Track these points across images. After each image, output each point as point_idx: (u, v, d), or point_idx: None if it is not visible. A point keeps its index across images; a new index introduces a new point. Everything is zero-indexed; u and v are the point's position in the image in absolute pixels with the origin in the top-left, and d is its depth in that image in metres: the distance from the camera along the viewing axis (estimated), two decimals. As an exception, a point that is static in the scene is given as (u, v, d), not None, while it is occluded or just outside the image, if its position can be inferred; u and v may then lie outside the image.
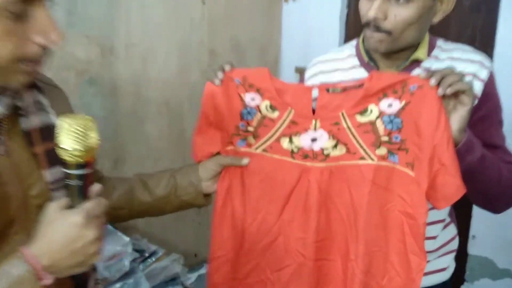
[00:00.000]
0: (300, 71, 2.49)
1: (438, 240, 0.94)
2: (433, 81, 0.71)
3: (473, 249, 1.95)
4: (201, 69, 2.36)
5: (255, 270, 0.87)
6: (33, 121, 0.65)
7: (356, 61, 0.97)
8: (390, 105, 0.77)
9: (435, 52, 0.91)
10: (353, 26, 2.33)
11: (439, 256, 0.96)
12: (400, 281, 0.77)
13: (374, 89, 0.77)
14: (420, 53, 0.89)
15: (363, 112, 0.79)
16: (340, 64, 0.99)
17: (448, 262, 0.99)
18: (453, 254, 1.00)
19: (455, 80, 0.69)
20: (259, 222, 0.86)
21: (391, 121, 0.77)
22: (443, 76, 0.71)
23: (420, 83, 0.74)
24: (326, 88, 0.83)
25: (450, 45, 0.93)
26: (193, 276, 2.32)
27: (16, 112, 0.63)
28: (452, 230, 0.99)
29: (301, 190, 0.83)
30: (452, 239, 0.99)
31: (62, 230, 0.55)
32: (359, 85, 0.80)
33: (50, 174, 0.64)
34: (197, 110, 1.37)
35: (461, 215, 1.97)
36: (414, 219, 0.76)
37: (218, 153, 0.89)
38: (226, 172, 0.87)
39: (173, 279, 2.07)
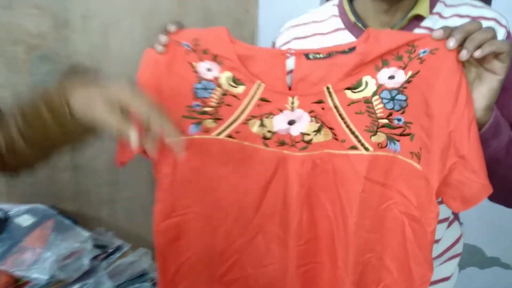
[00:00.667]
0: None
1: (441, 243, 0.77)
2: (452, 42, 0.52)
3: (460, 236, 1.83)
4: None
5: (235, 267, 0.69)
6: None
7: (339, 23, 0.76)
8: (392, 76, 0.57)
9: (438, 7, 0.72)
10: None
11: (443, 262, 0.79)
12: None
13: (371, 54, 0.57)
14: (421, 8, 0.69)
15: (355, 86, 0.59)
16: (319, 28, 0.78)
17: (453, 269, 0.82)
18: (458, 259, 0.84)
19: (487, 37, 0.50)
20: (232, 221, 0.67)
21: (392, 98, 0.58)
22: (468, 34, 0.51)
23: (434, 45, 0.54)
24: (305, 54, 0.62)
25: (456, 0, 0.74)
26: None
27: None
28: (457, 229, 0.82)
29: (278, 184, 0.64)
30: (457, 240, 0.83)
31: None
32: (350, 48, 0.59)
33: None
34: None
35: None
36: (420, 223, 0.58)
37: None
38: (172, 165, 0.66)
39: (141, 275, 1.87)
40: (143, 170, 1.70)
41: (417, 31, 0.71)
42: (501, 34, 0.68)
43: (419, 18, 0.71)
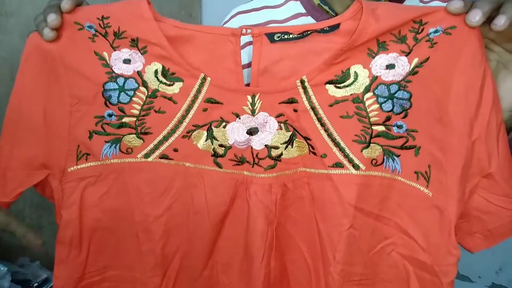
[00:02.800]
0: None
1: None
2: (478, 15, 0.36)
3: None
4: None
5: None
6: None
7: (299, 7, 0.58)
8: (391, 65, 0.40)
9: None
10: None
11: None
12: None
13: (363, 34, 0.40)
14: None
15: (340, 78, 0.41)
16: (274, 14, 0.60)
17: None
18: None
19: None
20: (173, 276, 0.48)
21: (391, 96, 0.41)
22: (498, 4, 0.36)
23: (450, 22, 0.38)
24: (268, 34, 0.43)
25: None
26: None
27: None
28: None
29: (237, 219, 0.46)
30: None
31: None
32: (332, 26, 0.41)
33: None
34: None
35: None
36: (431, 273, 0.42)
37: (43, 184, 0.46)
38: (78, 210, 0.45)
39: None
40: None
41: (408, 1, 0.55)
42: None
43: None
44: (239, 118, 0.43)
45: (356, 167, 0.42)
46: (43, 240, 0.53)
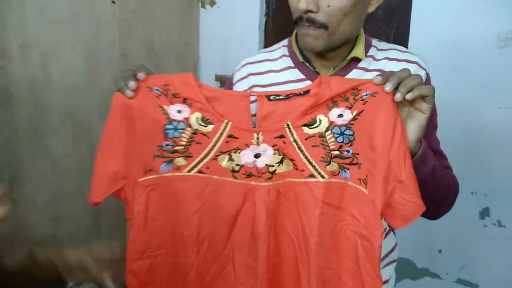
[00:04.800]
0: (221, 80, 2.37)
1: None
2: (389, 86, 0.64)
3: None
4: (112, 74, 2.12)
5: None
6: None
7: (289, 62, 0.87)
8: (341, 115, 0.68)
9: (371, 51, 0.86)
10: (272, 34, 2.29)
11: (382, 268, 0.89)
12: None
13: (323, 97, 0.68)
14: (358, 51, 0.83)
15: (311, 123, 0.69)
16: (272, 65, 0.89)
17: (390, 273, 0.94)
18: (394, 264, 0.96)
19: (416, 83, 0.62)
20: (204, 254, 0.72)
21: (342, 133, 0.68)
22: (400, 80, 0.63)
23: (374, 89, 0.66)
24: (267, 96, 0.71)
25: (386, 45, 0.89)
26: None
27: None
28: (392, 239, 0.94)
29: (247, 213, 0.71)
30: (393, 249, 0.95)
31: None
32: (305, 91, 0.70)
33: None
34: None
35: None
36: (369, 241, 0.68)
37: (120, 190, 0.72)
38: (144, 204, 0.70)
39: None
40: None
41: (355, 71, 0.83)
42: (421, 75, 0.83)
43: (356, 60, 0.84)
44: (248, 147, 0.70)
45: (322, 176, 0.69)
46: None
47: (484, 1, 1.61)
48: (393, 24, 1.90)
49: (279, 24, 2.22)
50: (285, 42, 0.92)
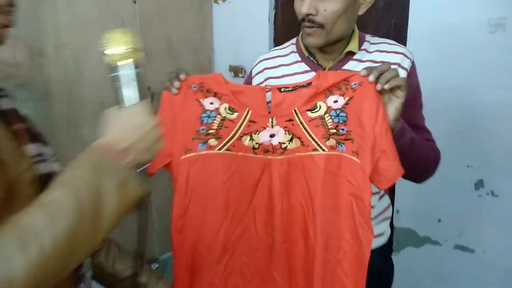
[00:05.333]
0: (234, 70, 2.56)
1: (375, 209, 1.07)
2: (371, 78, 0.82)
3: (397, 222, 2.18)
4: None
5: (232, 258, 0.92)
6: (4, 103, 0.67)
7: (297, 57, 1.07)
8: (336, 101, 0.87)
9: (365, 45, 1.05)
10: (281, 26, 2.45)
11: (377, 223, 1.09)
12: (353, 253, 0.88)
13: (321, 87, 0.87)
14: (352, 46, 1.02)
15: (313, 108, 0.89)
16: (283, 60, 1.09)
17: (384, 228, 1.13)
18: (388, 221, 1.15)
19: (392, 76, 0.81)
20: (231, 215, 0.91)
21: (337, 115, 0.87)
22: (380, 73, 0.82)
23: (360, 80, 0.85)
24: (278, 88, 0.91)
25: (377, 39, 1.07)
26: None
27: None
28: (386, 200, 1.13)
29: (265, 181, 0.91)
30: (387, 208, 1.14)
31: (129, 119, 0.63)
32: (308, 83, 0.89)
33: (33, 147, 0.67)
34: None
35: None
36: (361, 200, 0.87)
37: (167, 165, 0.92)
38: (186, 176, 0.90)
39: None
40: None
41: (351, 62, 1.02)
42: (406, 63, 1.01)
43: (352, 53, 1.03)
44: (265, 129, 0.90)
45: (323, 150, 0.89)
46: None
47: (476, -10, 1.76)
48: (393, 14, 2.06)
49: (287, 16, 2.38)
50: (293, 40, 1.11)
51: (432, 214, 2.07)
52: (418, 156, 0.95)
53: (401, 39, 1.99)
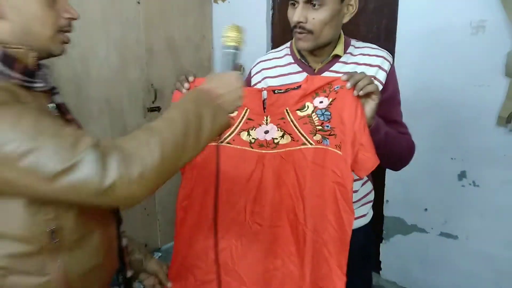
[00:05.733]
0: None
1: (358, 194, 1.21)
2: (348, 85, 0.96)
3: (387, 211, 2.34)
4: (139, 66, 2.46)
5: (225, 239, 1.08)
6: (60, 99, 0.85)
7: (291, 59, 1.22)
8: (321, 101, 1.01)
9: (350, 49, 1.19)
10: (278, 25, 2.58)
11: (360, 206, 1.24)
12: (337, 234, 1.02)
13: (309, 90, 1.01)
14: (338, 50, 1.16)
15: (302, 108, 1.03)
16: (279, 62, 1.24)
17: (367, 210, 1.28)
18: (371, 204, 1.30)
19: (366, 84, 0.95)
20: (225, 201, 1.06)
21: (322, 114, 1.02)
22: (356, 82, 0.96)
23: (341, 84, 0.98)
24: (272, 90, 1.05)
25: (361, 44, 1.21)
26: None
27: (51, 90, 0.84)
28: (369, 185, 1.28)
29: (257, 173, 1.05)
30: (369, 192, 1.28)
31: (227, 78, 0.86)
32: (298, 86, 1.03)
33: None
34: (136, 106, 1.50)
35: (376, 185, 2.34)
36: (344, 186, 1.01)
37: None
38: (193, 164, 1.06)
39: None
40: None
41: (337, 64, 1.16)
42: (386, 66, 1.15)
43: (338, 55, 1.17)
44: (260, 126, 1.04)
45: (311, 144, 1.03)
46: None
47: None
48: (383, 16, 2.20)
49: (284, 17, 2.50)
50: (288, 44, 1.26)
51: (419, 204, 2.22)
52: (392, 148, 1.09)
53: (391, 40, 2.13)
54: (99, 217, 0.84)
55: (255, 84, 1.24)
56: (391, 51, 2.09)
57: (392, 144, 1.08)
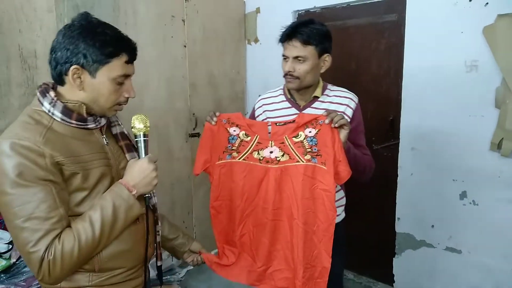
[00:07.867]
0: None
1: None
2: (327, 121, 1.41)
3: (398, 228, 2.68)
4: (184, 98, 3.00)
5: (245, 227, 1.53)
6: (116, 129, 1.26)
7: (283, 97, 1.74)
8: (310, 131, 1.46)
9: (326, 91, 1.70)
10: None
11: (336, 207, 1.66)
12: (323, 226, 1.44)
13: (301, 123, 1.46)
14: (318, 92, 1.68)
15: (296, 136, 1.48)
16: (275, 99, 1.77)
17: (340, 211, 1.74)
18: (343, 207, 1.77)
19: (339, 119, 1.39)
20: (245, 200, 1.52)
21: (311, 140, 1.46)
22: (333, 117, 1.40)
23: (324, 119, 1.43)
24: (276, 123, 1.51)
25: (335, 88, 1.73)
26: (182, 272, 2.83)
27: (108, 124, 1.23)
28: (342, 193, 1.75)
29: (266, 181, 1.50)
30: (342, 197, 1.76)
31: (139, 166, 1.13)
32: (293, 120, 1.48)
33: (128, 156, 1.23)
34: (180, 132, 2.02)
35: (388, 203, 2.75)
36: (329, 192, 1.43)
37: (207, 168, 1.53)
38: (218, 175, 1.52)
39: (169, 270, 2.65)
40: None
41: (316, 102, 1.66)
42: (352, 104, 1.64)
43: (317, 96, 1.65)
44: (267, 148, 1.50)
45: (303, 161, 1.47)
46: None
47: (455, 37, 2.29)
48: (392, 55, 2.61)
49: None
50: (281, 86, 1.78)
51: (427, 221, 2.55)
52: (358, 165, 1.54)
53: (399, 75, 2.54)
54: None
55: (258, 115, 1.76)
56: (399, 85, 2.63)
57: (358, 162, 1.54)
